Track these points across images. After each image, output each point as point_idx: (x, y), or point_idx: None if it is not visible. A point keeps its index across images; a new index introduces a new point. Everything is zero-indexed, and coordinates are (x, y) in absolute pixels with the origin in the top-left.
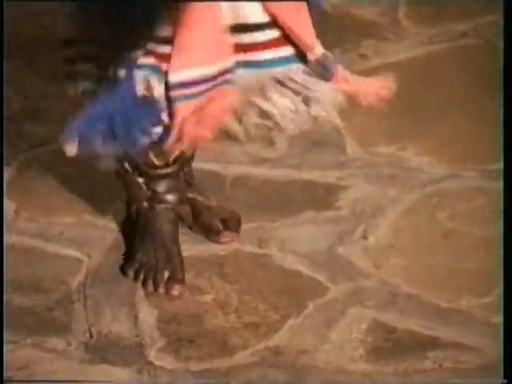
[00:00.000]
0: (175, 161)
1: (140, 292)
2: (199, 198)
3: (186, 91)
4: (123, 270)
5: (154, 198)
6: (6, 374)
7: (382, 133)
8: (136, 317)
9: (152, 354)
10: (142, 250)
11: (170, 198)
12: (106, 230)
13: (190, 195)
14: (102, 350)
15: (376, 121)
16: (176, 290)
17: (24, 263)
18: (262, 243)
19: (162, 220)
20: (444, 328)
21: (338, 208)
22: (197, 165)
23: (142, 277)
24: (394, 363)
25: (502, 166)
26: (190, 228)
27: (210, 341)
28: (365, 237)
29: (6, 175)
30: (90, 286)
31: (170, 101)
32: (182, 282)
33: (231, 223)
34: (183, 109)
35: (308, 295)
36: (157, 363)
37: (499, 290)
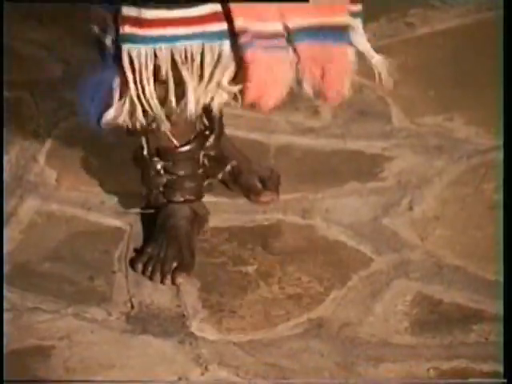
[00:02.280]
0: (195, 138)
1: None
2: (237, 157)
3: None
4: (132, 264)
5: (171, 184)
6: (47, 343)
7: (428, 102)
8: (178, 287)
9: (194, 325)
10: (153, 244)
11: (188, 185)
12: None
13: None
14: (143, 321)
15: (423, 90)
16: (181, 278)
17: (65, 232)
18: (305, 214)
19: (178, 215)
20: (490, 301)
21: (383, 179)
22: (239, 134)
23: (150, 269)
24: (438, 336)
25: None
26: (230, 188)
27: (253, 312)
28: (410, 208)
29: (47, 143)
30: (131, 255)
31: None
32: (188, 270)
33: (271, 182)
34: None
35: (352, 267)
36: (198, 334)
37: None
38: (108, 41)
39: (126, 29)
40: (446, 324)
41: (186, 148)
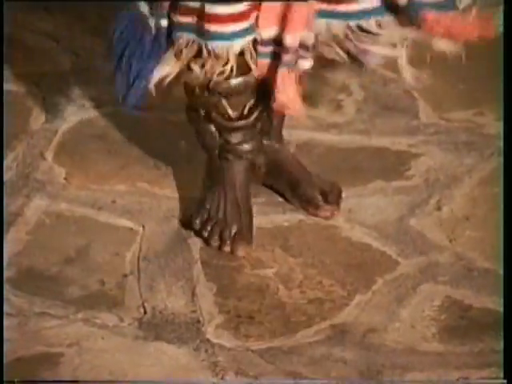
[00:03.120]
0: (250, 112)
1: (197, 265)
2: (296, 167)
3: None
4: (191, 219)
5: (227, 147)
6: (55, 350)
7: (457, 96)
8: (193, 292)
9: (209, 331)
10: (211, 200)
11: (245, 147)
12: (162, 198)
13: (285, 167)
14: (157, 327)
15: (452, 83)
16: (242, 251)
17: (74, 233)
18: None
19: (235, 170)
20: None
21: (410, 177)
22: None
23: (208, 229)
24: (468, 343)
25: None
26: (289, 201)
27: (272, 317)
28: (438, 208)
29: (55, 139)
30: (144, 258)
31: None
32: (248, 240)
33: (332, 196)
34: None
35: (377, 270)
36: (214, 341)
37: None
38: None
39: (190, 19)
40: (476, 330)
41: (242, 122)
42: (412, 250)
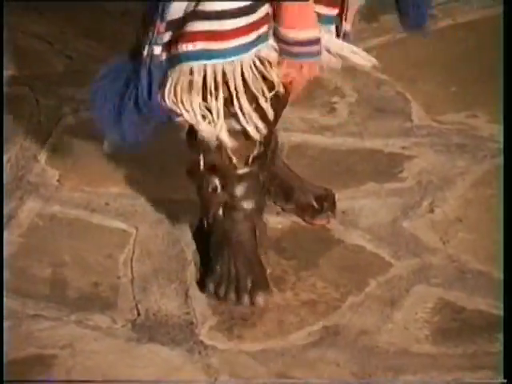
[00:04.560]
0: (254, 160)
1: (191, 267)
2: (288, 175)
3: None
4: (203, 283)
5: (231, 204)
6: (48, 352)
7: (450, 99)
8: (186, 293)
9: (203, 333)
10: (220, 261)
11: (247, 205)
12: (155, 201)
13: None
14: (150, 329)
15: (444, 85)
16: (262, 299)
17: (67, 235)
18: None
19: (240, 229)
20: None
21: (403, 179)
22: None
23: (223, 289)
24: (461, 345)
25: None
26: (284, 209)
27: (265, 319)
28: (431, 210)
29: (48, 141)
30: (137, 260)
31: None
32: (266, 289)
33: (326, 203)
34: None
35: (370, 272)
36: (208, 343)
37: None
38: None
39: (199, 45)
40: (468, 332)
41: (246, 170)
42: (405, 252)
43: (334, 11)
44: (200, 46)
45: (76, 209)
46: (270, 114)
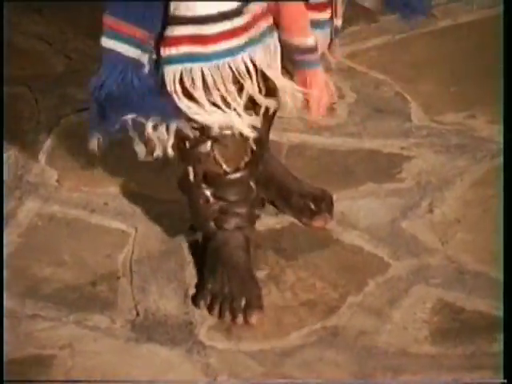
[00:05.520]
0: (246, 165)
1: (190, 267)
2: (286, 176)
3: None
4: (195, 301)
5: (223, 210)
6: (47, 352)
7: (449, 99)
8: (185, 293)
9: (202, 333)
10: (212, 278)
11: (240, 210)
12: (154, 201)
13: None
14: (149, 329)
15: (444, 86)
16: (255, 318)
17: (66, 235)
18: None
19: (233, 244)
20: None
21: (402, 180)
22: None
23: (217, 308)
24: (460, 346)
25: None
26: (281, 210)
27: (264, 319)
28: (430, 210)
29: (47, 141)
30: (136, 260)
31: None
32: (260, 308)
33: (324, 204)
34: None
35: (369, 272)
36: (207, 343)
37: None
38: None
39: (183, 49)
40: (468, 333)
41: (237, 175)
42: (404, 253)
43: (327, 15)
44: (184, 49)
45: (75, 209)
46: (260, 116)
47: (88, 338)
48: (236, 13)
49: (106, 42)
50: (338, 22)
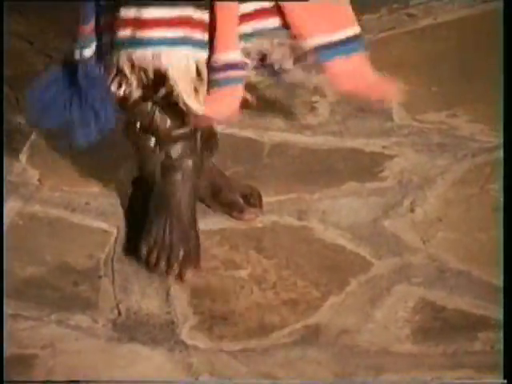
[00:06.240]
0: (190, 120)
1: None
2: (216, 173)
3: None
4: (139, 248)
5: (169, 163)
6: (29, 352)
7: (431, 98)
8: (167, 293)
9: (184, 333)
10: (156, 226)
11: (186, 164)
12: (136, 201)
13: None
14: (131, 328)
15: (425, 85)
16: (189, 275)
17: (48, 235)
18: (301, 215)
19: (179, 194)
20: (496, 307)
21: (383, 178)
22: (232, 131)
23: (154, 256)
24: (442, 344)
25: None
26: (209, 206)
27: (246, 319)
28: (412, 209)
29: (28, 141)
30: (118, 259)
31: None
32: (196, 264)
33: (253, 199)
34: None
35: (351, 271)
36: (189, 342)
37: None
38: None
39: (127, 32)
40: (449, 331)
41: (181, 131)
42: (386, 252)
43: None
44: (126, 33)
45: (56, 208)
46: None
47: (70, 337)
48: (173, 2)
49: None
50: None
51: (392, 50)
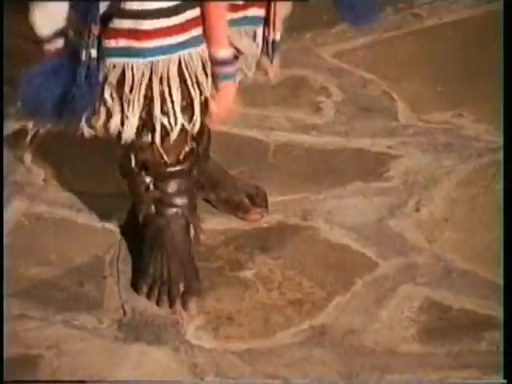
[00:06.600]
0: (186, 158)
1: None
2: (221, 174)
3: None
4: (136, 286)
5: (163, 200)
6: (34, 352)
7: (436, 98)
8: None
9: (189, 333)
10: (153, 262)
11: (180, 201)
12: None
13: (210, 174)
14: (136, 328)
15: (430, 85)
16: (193, 305)
17: (53, 235)
18: (307, 215)
19: (173, 228)
20: (501, 307)
21: (389, 178)
22: (236, 131)
23: (156, 293)
24: (447, 344)
25: None
26: (215, 207)
27: (251, 319)
28: (417, 209)
29: (33, 141)
30: (123, 260)
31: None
32: (198, 294)
33: (259, 199)
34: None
35: (356, 271)
36: (194, 342)
37: None
38: (86, 54)
39: (121, 42)
40: (455, 331)
41: (177, 168)
42: (391, 252)
43: (261, 12)
44: (122, 43)
45: (62, 208)
46: (197, 116)
47: (75, 337)
48: (171, 12)
49: None
50: (277, 35)
51: (398, 49)
